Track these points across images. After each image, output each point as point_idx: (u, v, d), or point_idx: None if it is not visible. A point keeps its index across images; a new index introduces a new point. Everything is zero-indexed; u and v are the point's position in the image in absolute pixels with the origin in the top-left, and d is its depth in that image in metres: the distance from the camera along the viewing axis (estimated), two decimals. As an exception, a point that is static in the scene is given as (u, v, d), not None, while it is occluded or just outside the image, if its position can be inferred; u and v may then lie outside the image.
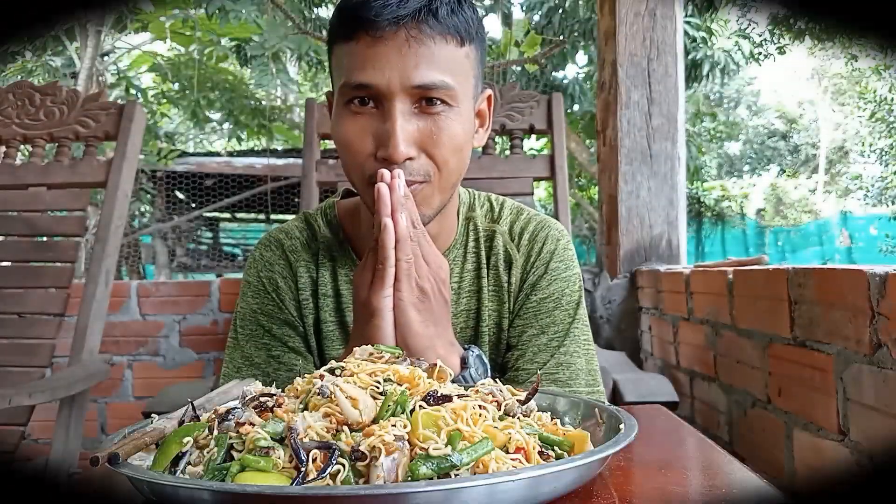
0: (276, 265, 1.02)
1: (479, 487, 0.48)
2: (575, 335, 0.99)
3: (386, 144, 0.82)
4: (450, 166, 0.87)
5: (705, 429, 1.79)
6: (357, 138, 0.85)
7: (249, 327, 1.00)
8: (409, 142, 0.83)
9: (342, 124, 0.87)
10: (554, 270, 1.01)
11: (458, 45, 0.85)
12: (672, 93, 2.47)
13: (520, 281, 1.02)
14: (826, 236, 15.47)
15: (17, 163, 1.91)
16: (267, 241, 1.05)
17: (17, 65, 7.58)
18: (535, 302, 1.00)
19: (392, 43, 0.81)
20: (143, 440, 0.58)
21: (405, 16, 0.81)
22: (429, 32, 0.82)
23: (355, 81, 0.83)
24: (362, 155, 0.85)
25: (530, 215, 1.06)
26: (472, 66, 0.89)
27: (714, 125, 14.65)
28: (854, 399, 1.07)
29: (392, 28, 0.81)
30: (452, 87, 0.84)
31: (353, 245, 1.02)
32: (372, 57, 0.82)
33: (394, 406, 0.57)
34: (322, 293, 1.01)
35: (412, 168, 0.84)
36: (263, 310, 1.00)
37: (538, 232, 1.03)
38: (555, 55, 7.01)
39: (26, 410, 1.64)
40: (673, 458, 0.69)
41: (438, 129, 0.84)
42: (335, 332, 1.00)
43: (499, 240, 1.03)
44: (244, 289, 1.03)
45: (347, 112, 0.86)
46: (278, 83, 7.46)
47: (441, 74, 0.83)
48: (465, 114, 0.87)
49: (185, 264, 9.39)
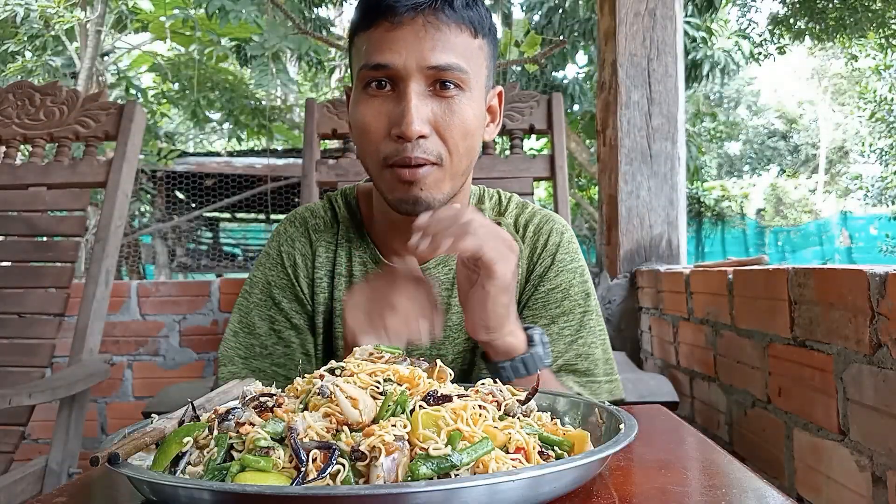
0: (298, 241, 1.05)
1: (479, 487, 0.48)
2: (590, 326, 1.01)
3: (399, 122, 0.85)
4: (460, 150, 0.89)
5: (705, 429, 1.79)
6: (373, 119, 0.88)
7: (259, 295, 1.04)
8: (423, 120, 0.85)
9: (359, 108, 0.89)
10: (560, 262, 1.03)
11: (471, 36, 0.88)
12: (672, 93, 2.47)
13: (526, 272, 1.04)
14: (826, 236, 15.47)
15: (17, 163, 1.91)
16: (292, 218, 1.09)
17: (17, 65, 7.58)
18: (544, 293, 1.02)
19: (410, 28, 0.85)
20: (143, 440, 0.58)
21: (423, 4, 0.85)
22: (445, 20, 0.86)
23: (373, 62, 0.86)
24: (378, 135, 0.88)
25: (535, 209, 1.09)
26: (485, 58, 0.92)
27: (714, 125, 14.65)
28: (854, 399, 1.07)
29: (410, 14, 0.85)
30: (466, 71, 0.87)
31: (367, 227, 1.05)
32: (390, 40, 0.85)
33: (394, 406, 0.57)
34: (338, 273, 1.04)
35: (425, 146, 0.86)
36: (277, 282, 1.04)
37: (543, 224, 1.06)
38: (555, 55, 7.00)
39: (26, 410, 1.64)
40: (673, 458, 0.69)
41: (451, 111, 0.87)
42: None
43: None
44: (262, 259, 1.07)
45: (365, 95, 0.89)
46: (278, 83, 7.46)
47: (456, 58, 0.86)
48: (476, 100, 0.90)
49: (185, 264, 9.39)
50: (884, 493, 1.00)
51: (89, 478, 0.66)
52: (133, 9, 8.25)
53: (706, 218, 15.72)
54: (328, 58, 8.35)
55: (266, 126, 9.12)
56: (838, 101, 20.88)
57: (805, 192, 19.50)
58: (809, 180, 20.55)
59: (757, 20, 8.32)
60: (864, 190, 15.02)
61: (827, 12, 8.52)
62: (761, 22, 14.97)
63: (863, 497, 1.05)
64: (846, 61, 13.86)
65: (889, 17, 8.70)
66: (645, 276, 2.36)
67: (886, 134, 13.81)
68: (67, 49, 7.81)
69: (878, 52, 11.68)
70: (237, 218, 11.42)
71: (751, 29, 9.24)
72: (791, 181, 19.70)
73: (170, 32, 7.91)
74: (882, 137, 14.13)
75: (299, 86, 11.68)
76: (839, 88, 20.83)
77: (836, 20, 8.57)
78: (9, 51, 7.77)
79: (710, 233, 15.99)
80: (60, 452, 1.61)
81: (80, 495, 0.62)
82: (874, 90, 13.42)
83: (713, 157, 16.39)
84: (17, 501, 1.46)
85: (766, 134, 21.38)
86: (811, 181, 20.55)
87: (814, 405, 1.21)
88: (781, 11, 8.99)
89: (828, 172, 20.69)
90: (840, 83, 20.73)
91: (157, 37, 8.60)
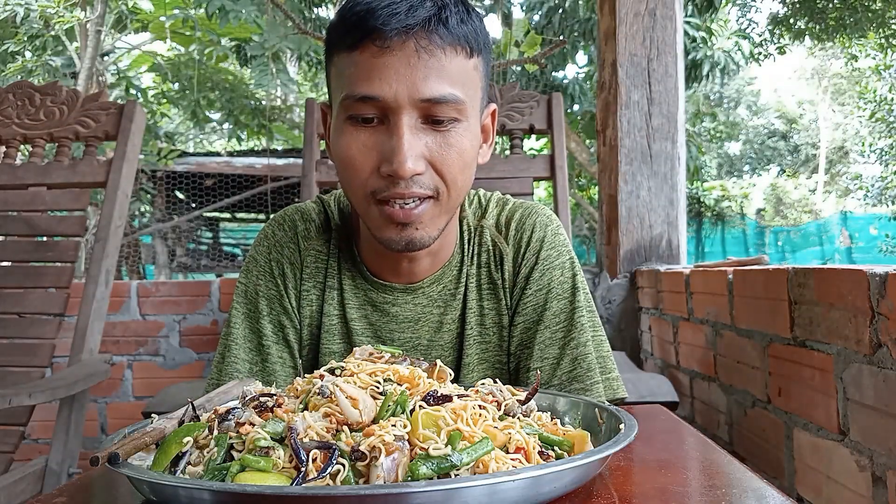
0: (287, 248, 0.99)
1: (479, 487, 0.48)
2: (581, 324, 0.96)
3: (391, 160, 0.78)
4: (458, 184, 0.83)
5: (705, 429, 1.79)
6: (360, 154, 0.80)
7: (248, 306, 0.99)
8: (417, 157, 0.79)
9: (343, 139, 0.82)
10: (545, 259, 0.98)
11: (466, 57, 0.81)
12: (672, 93, 2.47)
13: (512, 274, 0.99)
14: (826, 236, 15.47)
15: (17, 163, 1.91)
16: (281, 220, 1.01)
17: (17, 65, 7.58)
18: (531, 295, 0.97)
19: (400, 53, 0.77)
20: (143, 440, 0.58)
21: (414, 25, 0.77)
22: (438, 43, 0.78)
23: (360, 93, 0.78)
24: (365, 172, 0.81)
25: (516, 205, 1.03)
26: (480, 78, 0.85)
27: (714, 125, 14.66)
28: (854, 399, 1.07)
29: (400, 38, 0.77)
30: (462, 101, 0.80)
31: (357, 242, 1.00)
32: (378, 68, 0.77)
33: (394, 406, 0.57)
34: (328, 285, 0.98)
35: (420, 182, 0.81)
36: (266, 294, 0.99)
37: (525, 220, 1.00)
38: (555, 55, 7.00)
39: (26, 410, 1.64)
40: (673, 458, 0.69)
41: (448, 144, 0.81)
42: (336, 325, 0.99)
43: (486, 234, 1.00)
44: (249, 265, 1.01)
45: (349, 126, 0.81)
46: (278, 83, 7.46)
47: (451, 87, 0.79)
48: (472, 128, 0.84)
49: (185, 264, 9.39)
50: (884, 493, 1.00)
51: (89, 478, 0.66)
52: (133, 9, 8.24)
53: (706, 218, 15.73)
54: (328, 58, 8.31)
55: (266, 126, 9.12)
56: (838, 101, 20.89)
57: (805, 192, 19.51)
58: (809, 180, 20.56)
59: (757, 20, 8.31)
60: (864, 190, 15.02)
61: (827, 12, 8.53)
62: (761, 22, 14.98)
63: (863, 497, 1.05)
64: (846, 61, 13.87)
65: (889, 17, 8.71)
66: (645, 276, 2.36)
67: (886, 134, 13.81)
68: (67, 49, 7.81)
69: (878, 52, 11.69)
70: (237, 218, 11.42)
71: (751, 29, 9.25)
72: (791, 181, 19.71)
73: (170, 32, 7.91)
74: (882, 137, 14.13)
75: (299, 86, 11.68)
76: (839, 88, 20.84)
77: (836, 20, 8.58)
78: (9, 51, 7.77)
79: (710, 233, 15.99)
80: (60, 452, 1.61)
81: (80, 495, 0.62)
82: (874, 90, 13.42)
83: (713, 157, 16.40)
84: (17, 501, 1.46)
85: (766, 134, 21.39)
86: (811, 181, 20.56)
87: (814, 405, 1.21)
88: (781, 11, 9.00)
89: (828, 172, 20.69)
90: (840, 83, 20.73)
91: (157, 37, 8.60)
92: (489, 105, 0.92)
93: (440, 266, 0.99)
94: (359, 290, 0.99)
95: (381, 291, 0.98)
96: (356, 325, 0.98)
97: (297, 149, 9.23)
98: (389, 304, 0.98)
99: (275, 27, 5.96)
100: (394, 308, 0.98)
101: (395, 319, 0.98)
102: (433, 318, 0.99)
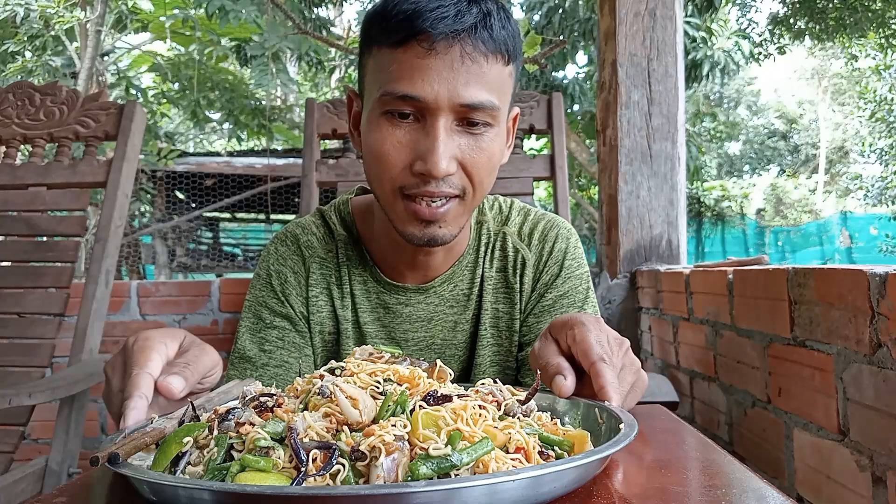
0: (290, 259, 1.02)
1: (479, 487, 0.48)
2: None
3: (425, 159, 0.80)
4: (484, 186, 0.86)
5: (705, 429, 1.79)
6: (394, 150, 0.82)
7: (251, 319, 1.01)
8: (451, 158, 0.81)
9: (378, 134, 0.83)
10: (568, 268, 1.02)
11: (504, 64, 0.83)
12: (672, 93, 2.47)
13: (533, 281, 1.03)
14: (826, 236, 15.48)
15: (17, 163, 1.91)
16: (283, 236, 1.05)
17: (17, 65, 7.58)
18: (551, 300, 1.01)
19: (445, 57, 0.78)
20: (143, 440, 0.58)
21: (461, 31, 0.78)
22: (482, 49, 0.79)
23: (401, 92, 0.79)
24: (397, 168, 0.83)
25: (538, 215, 1.07)
26: (512, 84, 0.87)
27: (714, 125, 14.67)
28: (854, 399, 1.07)
29: (447, 42, 0.78)
30: (497, 107, 0.82)
31: (366, 244, 1.02)
32: (422, 69, 0.78)
33: (394, 406, 0.57)
34: (338, 294, 1.01)
35: (450, 182, 0.83)
36: (267, 303, 1.01)
37: (548, 231, 1.04)
38: (555, 55, 7.01)
39: (26, 410, 1.64)
40: (673, 458, 0.69)
41: (479, 147, 0.83)
42: (348, 329, 1.01)
43: (508, 241, 1.04)
44: (254, 281, 1.04)
45: (385, 121, 0.83)
46: (278, 83, 7.46)
47: (489, 94, 0.81)
48: (501, 133, 0.87)
49: (185, 264, 9.39)
50: (884, 493, 1.00)
51: (89, 478, 0.66)
52: (133, 9, 8.25)
53: (706, 218, 15.74)
54: (328, 58, 8.35)
55: (266, 126, 9.13)
56: (838, 101, 20.90)
57: (805, 192, 19.51)
58: (809, 180, 20.56)
59: (757, 20, 8.32)
60: (864, 190, 15.03)
61: (827, 12, 8.53)
62: (761, 22, 14.97)
63: (863, 497, 1.05)
64: (846, 61, 13.88)
65: (889, 17, 8.71)
66: (645, 276, 2.36)
67: (886, 134, 13.81)
68: (67, 49, 7.81)
69: (878, 52, 11.69)
70: (237, 218, 11.43)
71: (751, 29, 9.25)
72: (791, 181, 19.72)
73: (170, 32, 7.92)
74: (882, 137, 14.13)
75: (299, 86, 11.69)
76: (839, 88, 20.85)
77: (836, 20, 8.58)
78: (9, 51, 7.78)
79: (710, 233, 16.00)
80: (60, 452, 1.61)
81: (80, 495, 0.61)
82: (874, 90, 13.43)
83: (713, 157, 16.41)
84: (17, 501, 1.46)
85: (766, 134, 21.40)
86: (811, 181, 20.56)
87: (814, 405, 1.21)
88: (781, 11, 9.00)
89: (828, 172, 20.70)
90: (840, 83, 20.74)
91: (157, 37, 8.60)
92: (513, 109, 0.94)
93: (453, 262, 1.01)
94: (371, 293, 1.01)
95: (394, 293, 1.00)
96: (369, 328, 1.01)
97: (297, 149, 9.24)
98: (402, 304, 1.00)
99: (275, 27, 5.97)
100: (407, 308, 1.00)
101: (408, 319, 1.01)
102: (447, 318, 1.01)
